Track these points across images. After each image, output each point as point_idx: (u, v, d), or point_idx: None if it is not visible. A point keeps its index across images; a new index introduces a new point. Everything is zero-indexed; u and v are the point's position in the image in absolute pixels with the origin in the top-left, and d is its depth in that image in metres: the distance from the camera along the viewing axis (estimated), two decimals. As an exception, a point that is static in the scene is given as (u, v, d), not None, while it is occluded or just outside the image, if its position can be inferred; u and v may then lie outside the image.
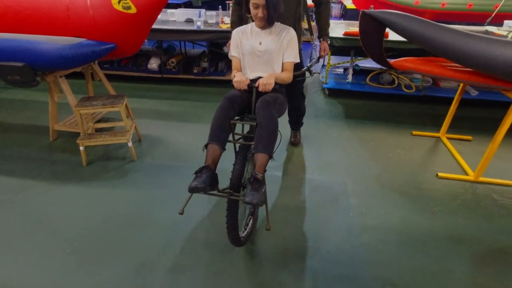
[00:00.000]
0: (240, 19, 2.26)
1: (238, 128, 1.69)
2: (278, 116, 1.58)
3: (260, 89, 1.57)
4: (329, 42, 2.45)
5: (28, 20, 2.07)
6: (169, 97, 3.69)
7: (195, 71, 3.92)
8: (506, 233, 1.90)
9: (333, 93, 3.83)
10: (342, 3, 8.38)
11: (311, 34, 2.45)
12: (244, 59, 1.77)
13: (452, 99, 2.79)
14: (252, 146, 1.47)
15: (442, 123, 2.93)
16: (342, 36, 3.32)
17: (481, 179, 2.37)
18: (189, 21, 3.74)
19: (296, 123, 2.81)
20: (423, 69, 2.20)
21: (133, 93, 3.77)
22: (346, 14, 7.19)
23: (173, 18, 3.91)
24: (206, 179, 1.36)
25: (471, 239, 1.84)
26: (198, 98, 3.67)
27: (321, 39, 2.37)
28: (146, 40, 3.93)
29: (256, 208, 1.85)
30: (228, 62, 4.03)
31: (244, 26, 1.81)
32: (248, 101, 1.67)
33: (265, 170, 1.43)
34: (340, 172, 2.42)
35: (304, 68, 1.99)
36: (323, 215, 1.98)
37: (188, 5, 6.61)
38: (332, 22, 4.21)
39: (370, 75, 3.87)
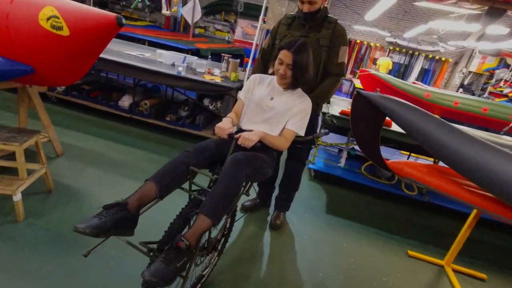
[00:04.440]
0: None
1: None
2: (248, 180, 1.41)
3: (239, 141, 1.37)
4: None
5: None
6: (126, 141, 3.12)
7: (168, 119, 3.42)
8: None
9: (319, 176, 3.22)
10: (352, 82, 8.34)
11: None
12: (248, 106, 1.66)
13: (464, 213, 2.14)
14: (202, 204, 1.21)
15: (448, 245, 2.23)
16: (338, 114, 2.83)
17: None
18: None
19: (283, 201, 2.27)
20: (428, 182, 1.60)
21: (87, 128, 3.22)
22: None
23: (161, 59, 3.56)
24: (108, 222, 1.03)
25: None
26: (159, 151, 3.09)
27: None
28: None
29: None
30: (207, 117, 3.54)
31: (266, 75, 1.72)
32: (226, 152, 1.40)
33: (199, 240, 1.14)
34: (298, 301, 1.67)
35: (309, 136, 1.68)
36: None
37: (195, 54, 6.51)
38: (337, 98, 3.83)
39: (366, 164, 3.30)
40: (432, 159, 3.20)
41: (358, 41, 10.05)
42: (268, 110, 1.60)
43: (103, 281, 1.51)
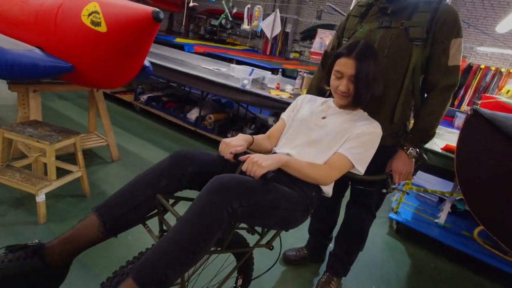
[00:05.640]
0: (322, 87, 1.43)
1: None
2: (235, 222, 0.86)
3: (243, 166, 0.90)
4: (417, 155, 1.22)
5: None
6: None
7: (229, 135, 3.17)
8: None
9: (405, 231, 2.36)
10: (468, 114, 6.68)
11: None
12: (291, 125, 1.21)
13: None
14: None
15: None
16: (440, 150, 2.02)
17: None
18: (244, 79, 3.14)
19: (339, 262, 1.60)
20: None
21: (154, 138, 3.24)
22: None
23: (233, 73, 3.41)
24: None
25: None
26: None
27: (404, 146, 1.23)
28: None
29: None
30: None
31: (319, 97, 1.30)
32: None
33: None
34: None
35: (380, 175, 1.22)
36: None
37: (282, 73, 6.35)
38: (442, 128, 2.90)
39: (482, 227, 2.27)
40: None
41: (482, 66, 8.19)
42: (317, 130, 1.14)
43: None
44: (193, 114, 3.47)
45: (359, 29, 1.30)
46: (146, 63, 2.07)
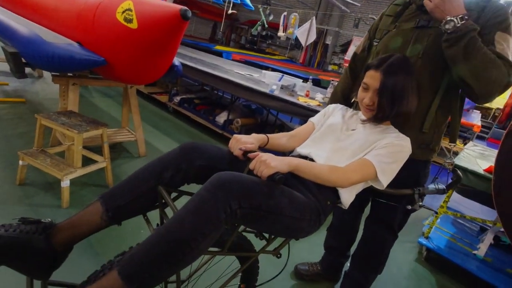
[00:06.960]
0: (347, 92, 1.37)
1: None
2: (234, 223, 0.79)
3: (251, 164, 0.83)
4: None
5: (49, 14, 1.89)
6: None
7: (254, 140, 3.14)
8: None
9: (436, 260, 2.12)
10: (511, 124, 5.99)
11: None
12: (319, 129, 1.16)
13: None
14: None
15: None
16: (482, 172, 1.80)
17: None
18: (274, 85, 3.12)
19: (355, 284, 1.48)
20: None
21: (182, 138, 3.32)
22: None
23: (264, 79, 3.40)
24: None
25: None
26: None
27: None
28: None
29: None
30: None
31: (350, 108, 1.23)
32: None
33: None
34: None
35: (406, 190, 1.09)
36: None
37: (316, 83, 6.23)
38: (490, 150, 2.57)
39: (532, 266, 1.97)
40: None
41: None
42: (344, 139, 1.08)
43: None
44: (222, 118, 3.51)
45: (393, 29, 1.20)
46: (176, 62, 2.12)
